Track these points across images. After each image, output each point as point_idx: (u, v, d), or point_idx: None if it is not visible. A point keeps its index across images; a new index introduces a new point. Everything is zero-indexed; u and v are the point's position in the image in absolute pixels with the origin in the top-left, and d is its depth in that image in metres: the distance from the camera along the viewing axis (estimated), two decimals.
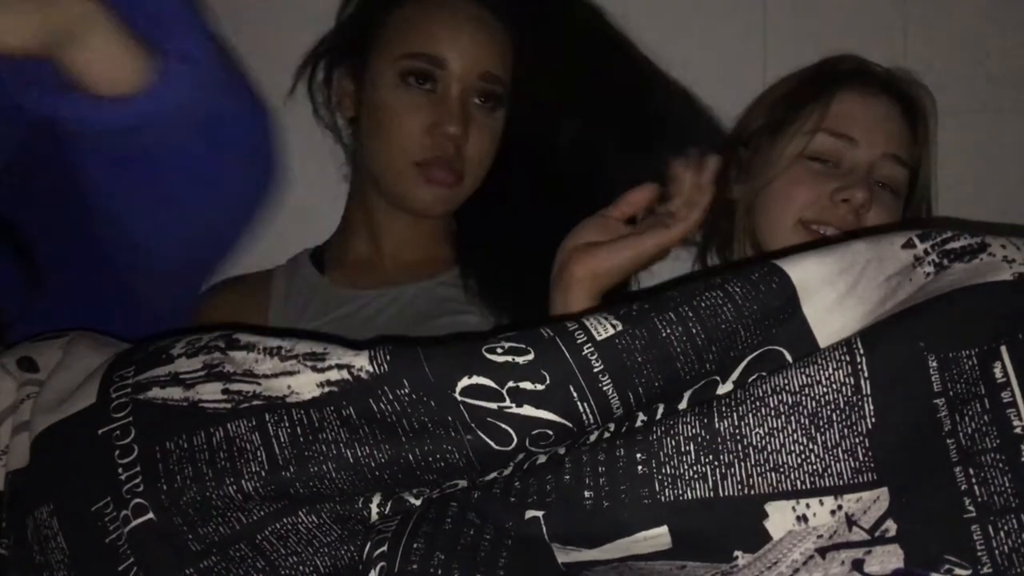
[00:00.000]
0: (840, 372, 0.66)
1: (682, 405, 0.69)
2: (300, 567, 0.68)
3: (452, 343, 0.69)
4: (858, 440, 0.65)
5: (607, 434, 0.69)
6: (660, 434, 0.67)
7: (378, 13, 1.18)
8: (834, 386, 0.66)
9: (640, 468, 0.66)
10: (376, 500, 0.70)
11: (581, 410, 0.66)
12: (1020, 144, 1.34)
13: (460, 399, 0.66)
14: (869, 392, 0.66)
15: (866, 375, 0.66)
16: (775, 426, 0.66)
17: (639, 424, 0.69)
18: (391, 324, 1.15)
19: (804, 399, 0.66)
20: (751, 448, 0.65)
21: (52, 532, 0.67)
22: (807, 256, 0.71)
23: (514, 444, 0.66)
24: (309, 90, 1.27)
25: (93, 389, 0.71)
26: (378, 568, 0.65)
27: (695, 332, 0.67)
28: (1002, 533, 0.61)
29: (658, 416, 0.69)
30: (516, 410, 0.65)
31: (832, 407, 0.66)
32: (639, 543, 0.66)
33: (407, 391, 0.66)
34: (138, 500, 0.65)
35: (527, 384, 0.66)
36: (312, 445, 0.66)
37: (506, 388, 0.65)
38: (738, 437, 0.66)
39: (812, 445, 0.65)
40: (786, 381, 0.67)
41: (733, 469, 0.65)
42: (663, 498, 0.65)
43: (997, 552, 0.61)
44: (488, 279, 1.17)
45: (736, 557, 0.65)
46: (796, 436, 0.65)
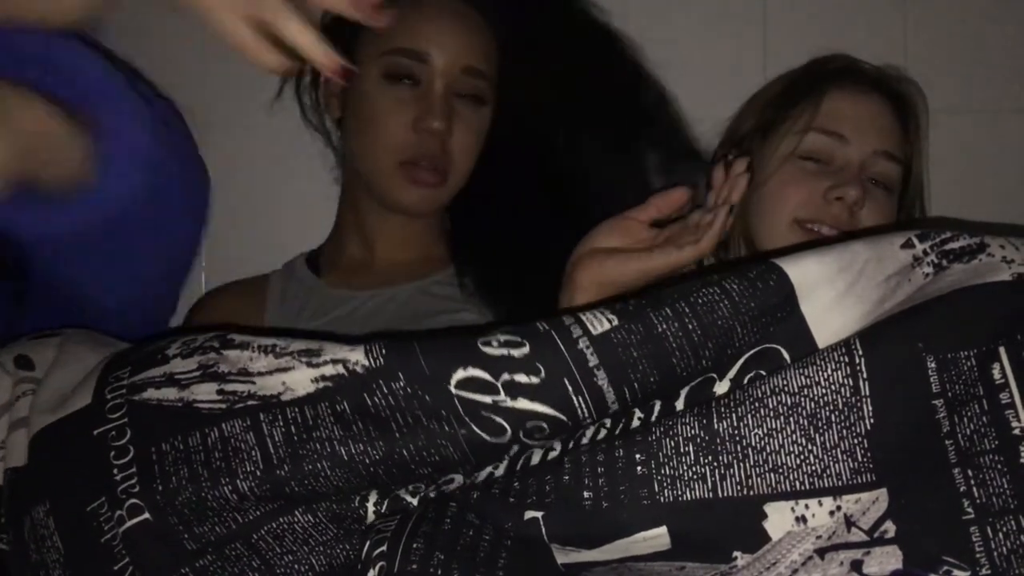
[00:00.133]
0: (839, 373, 0.66)
1: (679, 403, 0.69)
2: (296, 566, 0.68)
3: (448, 337, 0.69)
4: (857, 441, 0.65)
5: (604, 432, 0.69)
6: (659, 435, 0.67)
7: None
8: (833, 387, 0.66)
9: (639, 469, 0.66)
10: (372, 499, 0.70)
11: (576, 404, 0.66)
12: (1019, 144, 1.34)
13: (455, 392, 0.66)
14: (868, 393, 0.66)
15: (865, 376, 0.66)
16: (774, 427, 0.66)
17: (637, 424, 0.69)
18: (388, 324, 1.15)
19: (803, 400, 0.66)
20: (750, 449, 0.65)
21: (48, 531, 0.67)
22: (806, 255, 0.71)
23: (508, 436, 0.66)
24: (296, 93, 1.26)
25: (89, 390, 0.71)
26: (377, 568, 0.65)
27: (691, 328, 0.67)
28: (1000, 534, 0.61)
29: (655, 414, 0.69)
30: (511, 403, 0.65)
31: (831, 408, 0.66)
32: (638, 544, 0.66)
33: (402, 384, 0.66)
34: (133, 500, 0.65)
35: (522, 377, 0.66)
36: (306, 443, 0.66)
37: (501, 381, 0.66)
38: (737, 438, 0.66)
39: (811, 446, 0.65)
40: (785, 382, 0.67)
41: (732, 470, 0.65)
42: (662, 499, 0.65)
43: (995, 553, 0.61)
44: (484, 277, 1.17)
45: (735, 558, 0.65)
46: (795, 437, 0.65)
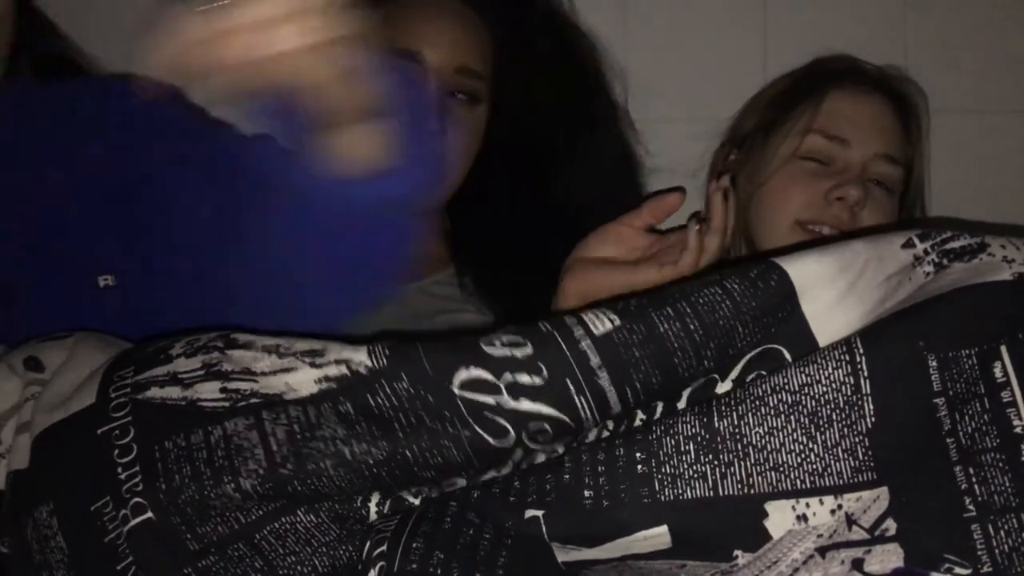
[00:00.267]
0: (840, 371, 0.66)
1: (681, 404, 0.69)
2: (299, 567, 0.68)
3: (451, 338, 0.69)
4: (858, 439, 0.65)
5: (606, 433, 0.69)
6: (660, 433, 0.67)
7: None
8: (834, 385, 0.66)
9: (640, 467, 0.66)
10: (375, 499, 0.70)
11: (578, 404, 0.66)
12: (1019, 144, 1.34)
13: (458, 393, 0.66)
14: (869, 391, 0.66)
15: (866, 374, 0.66)
16: (775, 425, 0.66)
17: (638, 423, 0.69)
18: (388, 324, 1.15)
19: (804, 398, 0.66)
20: (751, 447, 0.65)
21: (52, 532, 0.67)
22: (806, 254, 0.71)
23: (511, 439, 0.66)
24: None
25: (93, 389, 0.71)
26: (377, 568, 0.65)
27: (693, 328, 0.67)
28: (1002, 532, 0.61)
29: (657, 415, 0.69)
30: (513, 404, 0.65)
31: (832, 406, 0.66)
32: (639, 542, 0.66)
33: (405, 385, 0.66)
34: (137, 499, 0.65)
35: (524, 377, 0.65)
36: (309, 442, 0.66)
37: (503, 381, 0.65)
38: (738, 436, 0.66)
39: (812, 444, 0.65)
40: (786, 380, 0.67)
41: (733, 468, 0.65)
42: (663, 497, 0.65)
43: (997, 551, 0.61)
44: (484, 276, 1.17)
45: (736, 556, 0.65)
46: (796, 435, 0.65)
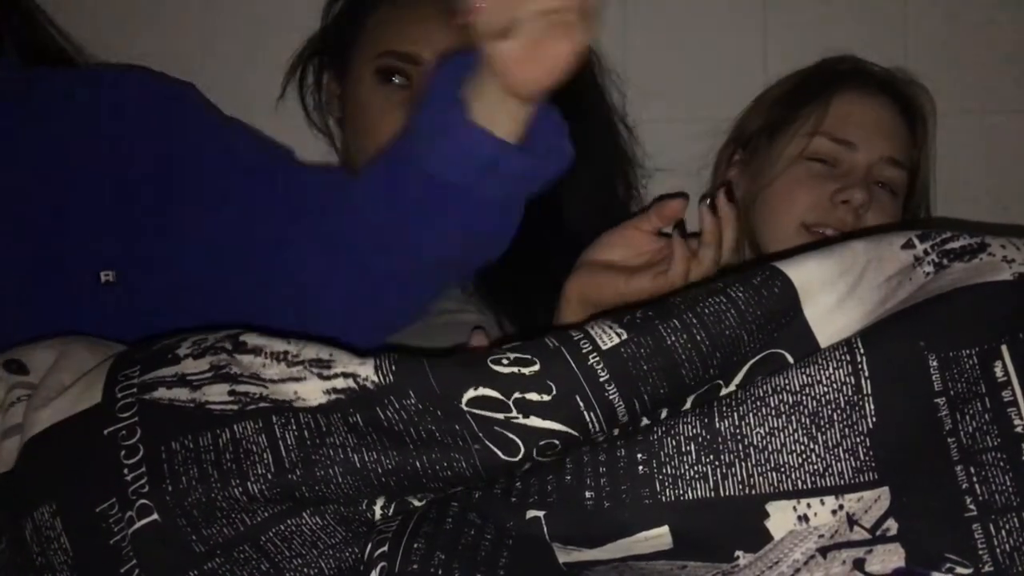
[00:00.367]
0: (841, 371, 0.66)
1: (685, 408, 0.69)
2: (304, 569, 0.67)
3: (457, 354, 0.69)
4: (859, 439, 0.65)
5: (610, 436, 0.69)
6: (661, 434, 0.67)
7: (358, 15, 1.19)
8: (835, 385, 0.66)
9: (641, 468, 0.66)
10: (380, 503, 0.70)
11: (587, 419, 0.66)
12: (1020, 144, 1.34)
13: (467, 410, 0.65)
14: (870, 391, 0.66)
15: (867, 374, 0.66)
16: (776, 426, 0.66)
17: (641, 425, 0.69)
18: None
19: (805, 399, 0.66)
20: (752, 448, 0.65)
21: (55, 533, 0.66)
22: (807, 258, 0.71)
23: (521, 454, 0.65)
24: (300, 93, 1.26)
25: (97, 389, 0.71)
26: (379, 568, 0.65)
27: (699, 339, 0.67)
28: (1003, 532, 0.61)
29: (661, 418, 0.69)
30: (523, 420, 0.65)
31: (833, 406, 0.66)
32: (640, 543, 0.66)
33: (413, 401, 0.66)
34: (143, 501, 0.65)
35: (533, 395, 0.65)
36: (319, 449, 0.66)
37: (512, 399, 0.65)
38: (739, 437, 0.66)
39: (813, 445, 0.65)
40: (787, 381, 0.67)
41: (734, 469, 0.65)
42: (664, 498, 0.65)
43: (998, 551, 0.61)
44: (485, 277, 1.17)
45: (737, 557, 0.65)
46: (797, 436, 0.66)
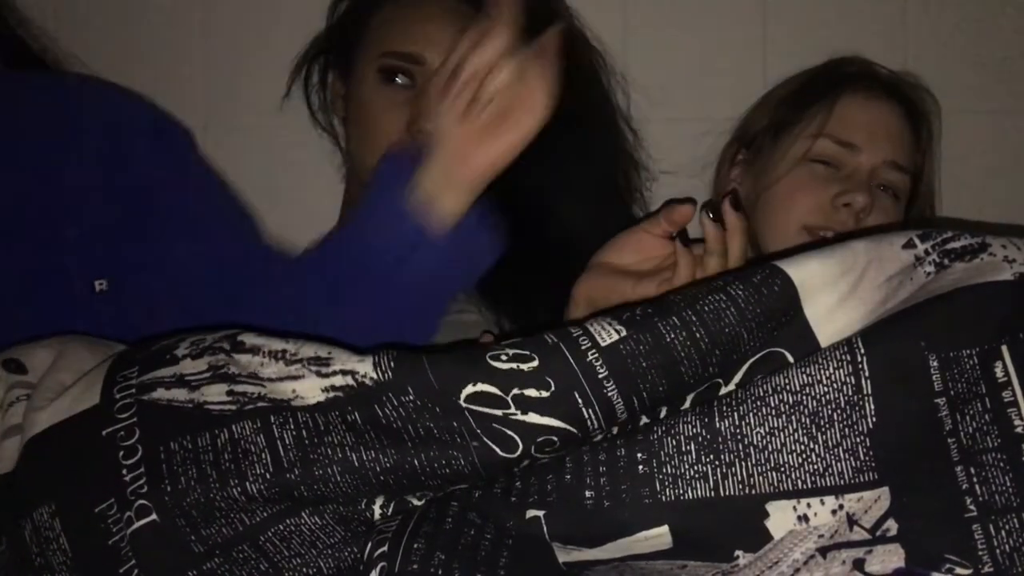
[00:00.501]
0: (841, 371, 0.66)
1: (685, 407, 0.69)
2: (303, 569, 0.67)
3: (456, 350, 0.69)
4: (859, 439, 0.65)
5: (609, 434, 0.69)
6: (661, 434, 0.67)
7: (362, 14, 1.19)
8: (835, 385, 0.66)
9: (641, 468, 0.66)
10: (379, 502, 0.70)
11: (586, 416, 0.66)
12: (1020, 144, 1.34)
13: (465, 406, 0.65)
14: (870, 391, 0.66)
15: (867, 374, 0.66)
16: (776, 425, 0.66)
17: (641, 424, 0.69)
18: None
19: (805, 398, 0.66)
20: (752, 448, 0.65)
21: (54, 534, 0.66)
22: (809, 257, 0.71)
23: (520, 451, 0.66)
24: (305, 92, 1.27)
25: (96, 389, 0.71)
26: (378, 568, 0.65)
27: (699, 336, 0.67)
28: (1003, 532, 0.61)
29: (660, 417, 0.69)
30: (521, 417, 0.65)
31: (833, 406, 0.66)
32: (640, 543, 0.66)
33: (412, 398, 0.66)
34: (142, 501, 0.65)
35: (532, 391, 0.65)
36: (318, 448, 0.66)
37: (511, 395, 0.65)
38: (739, 436, 0.66)
39: (813, 444, 0.65)
40: (787, 380, 0.67)
41: (734, 469, 0.65)
42: (664, 498, 0.65)
43: (998, 551, 0.61)
44: (486, 277, 1.17)
45: (737, 557, 0.65)
46: (797, 435, 0.65)
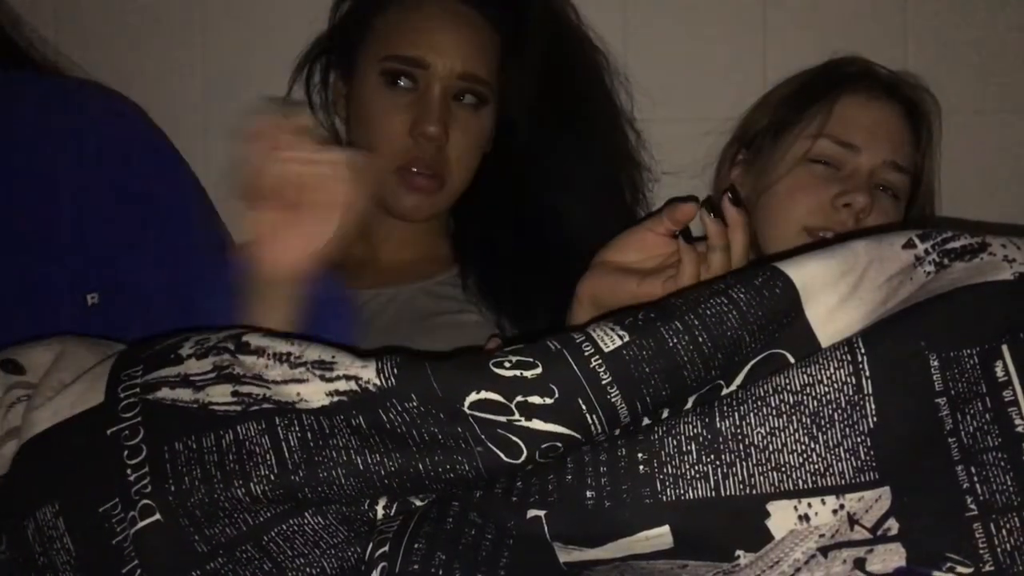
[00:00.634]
0: (842, 371, 0.66)
1: (686, 408, 0.69)
2: (307, 568, 0.67)
3: (459, 356, 0.69)
4: (860, 439, 0.65)
5: (611, 436, 0.69)
6: (661, 434, 0.67)
7: (365, 16, 1.19)
8: (836, 385, 0.66)
9: (641, 468, 0.66)
10: (382, 502, 0.70)
11: (590, 422, 0.66)
12: (1020, 145, 1.35)
13: (469, 412, 0.65)
14: (871, 391, 0.66)
15: (867, 374, 0.66)
16: (777, 425, 0.66)
17: (642, 425, 0.69)
18: (391, 324, 1.15)
19: (805, 398, 0.66)
20: (753, 447, 0.65)
21: (57, 533, 0.66)
22: (809, 259, 0.71)
23: (524, 456, 0.66)
24: (307, 92, 1.27)
25: (100, 388, 0.71)
26: (380, 568, 0.65)
27: (701, 341, 0.67)
28: (1004, 531, 0.61)
29: (662, 418, 0.69)
30: (526, 423, 0.65)
31: (834, 406, 0.66)
32: (640, 542, 0.66)
33: (415, 404, 0.66)
34: (146, 501, 0.65)
35: (536, 398, 0.65)
36: (323, 451, 0.66)
37: (515, 402, 0.65)
38: (740, 436, 0.66)
39: (814, 444, 0.65)
40: (787, 381, 0.67)
41: (735, 468, 0.65)
42: (664, 498, 0.65)
43: (999, 550, 0.61)
44: (487, 278, 1.17)
45: (738, 556, 0.65)
46: (798, 435, 0.66)
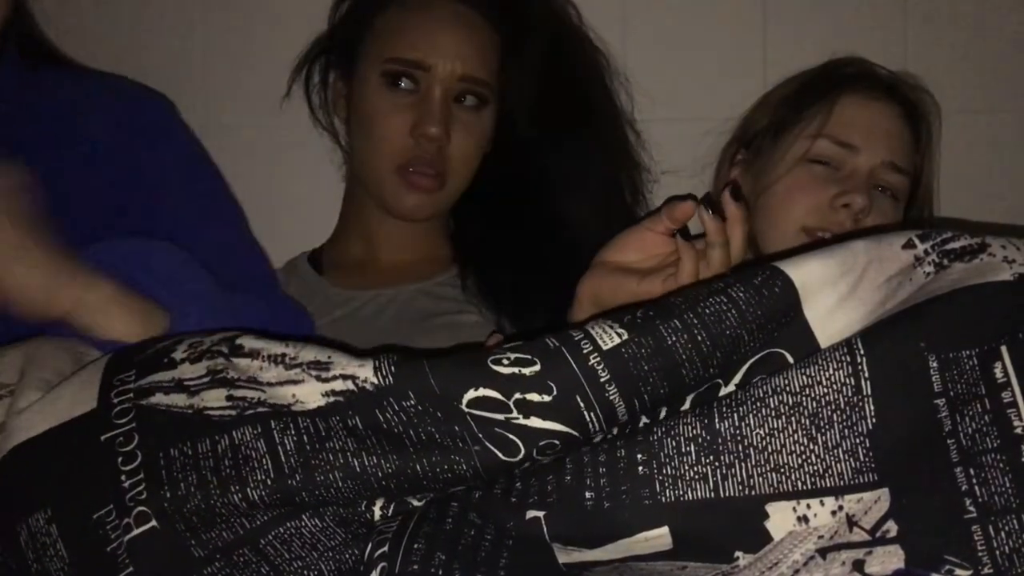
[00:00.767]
0: (840, 372, 0.66)
1: (685, 407, 0.69)
2: (304, 571, 0.67)
3: (457, 354, 0.69)
4: (859, 440, 0.65)
5: (609, 435, 0.69)
6: (661, 435, 0.67)
7: (365, 16, 1.19)
8: (835, 386, 0.66)
9: (641, 469, 0.66)
10: (379, 503, 0.70)
11: (588, 419, 0.66)
12: (1019, 145, 1.34)
13: (467, 411, 0.65)
14: (870, 392, 0.66)
15: (866, 375, 0.66)
16: (776, 427, 0.66)
17: (641, 425, 0.69)
18: (390, 325, 1.15)
19: (804, 400, 0.66)
20: (752, 449, 0.65)
21: (51, 539, 0.66)
22: (809, 258, 0.71)
23: (521, 455, 0.66)
24: (306, 92, 1.27)
25: (92, 393, 0.70)
26: (379, 568, 0.65)
27: (700, 339, 0.67)
28: (1003, 533, 0.61)
29: (660, 417, 0.69)
30: (523, 421, 0.65)
31: (833, 407, 0.66)
32: (640, 543, 0.66)
33: (413, 403, 0.66)
34: (141, 508, 0.65)
35: (534, 396, 0.65)
36: (319, 454, 0.66)
37: (513, 400, 0.65)
38: (739, 438, 0.66)
39: (813, 445, 0.65)
40: (786, 382, 0.67)
41: (734, 470, 0.65)
42: (664, 499, 0.65)
43: (998, 552, 0.61)
44: (486, 278, 1.17)
45: (737, 558, 0.65)
46: (797, 437, 0.65)
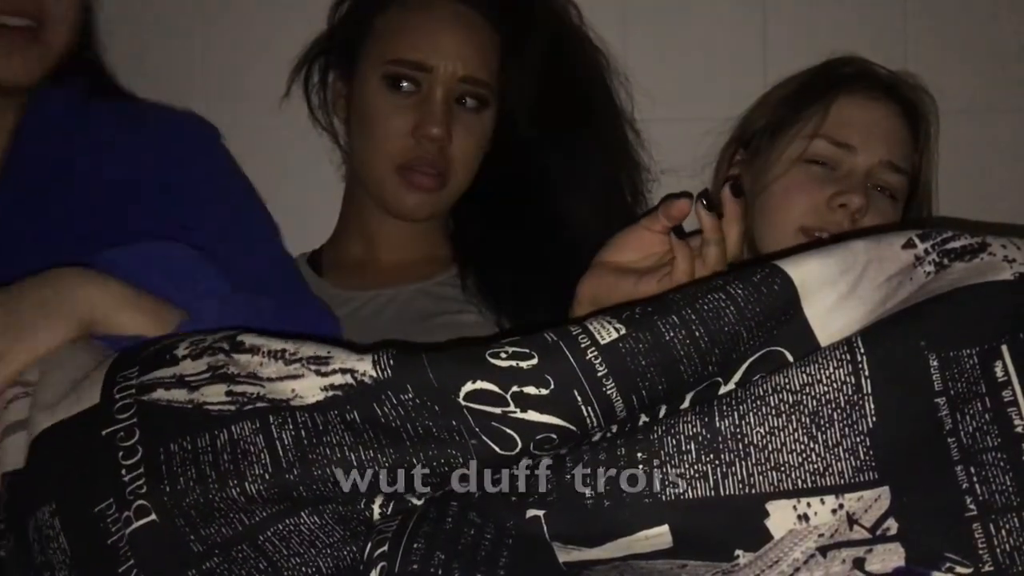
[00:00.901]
0: (841, 371, 0.66)
1: (684, 406, 0.69)
2: (303, 568, 0.68)
3: (455, 348, 0.69)
4: (859, 439, 0.65)
5: (608, 433, 0.69)
6: (661, 433, 0.67)
7: (366, 16, 1.19)
8: (835, 385, 0.66)
9: (641, 467, 0.66)
10: (378, 501, 0.70)
11: (585, 414, 0.66)
12: (1020, 144, 1.35)
13: (464, 404, 0.65)
14: (870, 391, 0.66)
15: (867, 374, 0.66)
16: (776, 425, 0.66)
17: (640, 423, 0.69)
18: (390, 324, 1.15)
19: (805, 398, 0.66)
20: (752, 447, 0.65)
21: (54, 533, 0.67)
22: (808, 257, 0.71)
23: (518, 449, 0.66)
24: (305, 92, 1.27)
25: (96, 389, 0.71)
26: (379, 568, 0.65)
27: (698, 335, 0.67)
28: (1003, 531, 0.61)
29: (660, 416, 0.69)
30: (520, 415, 0.65)
31: (833, 406, 0.66)
32: (640, 542, 0.66)
33: (411, 396, 0.66)
34: (141, 502, 0.65)
35: (531, 389, 0.65)
36: (317, 448, 0.66)
37: (510, 393, 0.65)
38: (739, 436, 0.66)
39: (813, 444, 0.65)
40: (787, 380, 0.67)
41: (734, 468, 0.65)
42: (664, 497, 0.65)
43: (998, 550, 0.61)
44: (486, 278, 1.17)
45: (737, 556, 0.65)
46: (797, 435, 0.66)
